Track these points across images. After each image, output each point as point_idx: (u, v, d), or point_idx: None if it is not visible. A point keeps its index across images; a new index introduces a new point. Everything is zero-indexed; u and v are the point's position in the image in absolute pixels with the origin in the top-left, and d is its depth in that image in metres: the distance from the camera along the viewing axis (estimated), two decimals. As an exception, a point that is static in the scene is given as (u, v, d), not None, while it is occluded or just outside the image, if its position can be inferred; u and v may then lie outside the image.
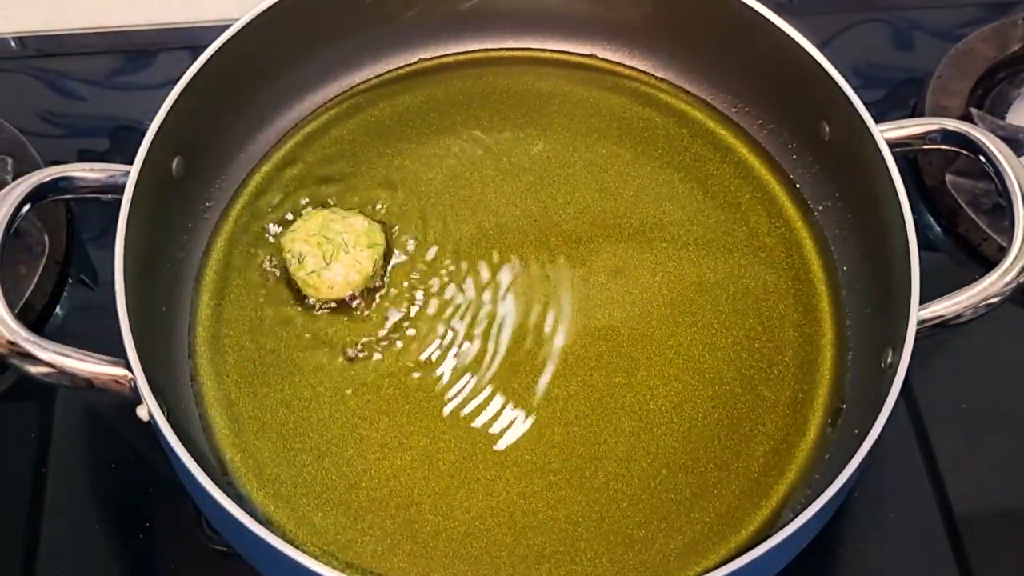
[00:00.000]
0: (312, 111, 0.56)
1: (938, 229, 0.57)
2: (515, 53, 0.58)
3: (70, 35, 0.63)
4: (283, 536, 0.43)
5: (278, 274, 0.51)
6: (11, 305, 0.42)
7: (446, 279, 0.51)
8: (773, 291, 0.51)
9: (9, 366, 0.42)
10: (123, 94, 0.62)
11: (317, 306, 0.50)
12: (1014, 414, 0.52)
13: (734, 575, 0.38)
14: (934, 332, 0.43)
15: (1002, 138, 0.47)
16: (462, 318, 0.49)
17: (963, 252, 0.56)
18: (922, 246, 0.44)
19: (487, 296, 0.50)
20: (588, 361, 0.48)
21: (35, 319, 0.52)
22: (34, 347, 0.41)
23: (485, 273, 0.51)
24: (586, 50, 0.58)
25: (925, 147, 0.48)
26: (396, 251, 0.51)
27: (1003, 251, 0.44)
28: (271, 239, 0.52)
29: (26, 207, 0.44)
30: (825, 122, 0.51)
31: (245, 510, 0.39)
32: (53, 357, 0.41)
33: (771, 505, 0.46)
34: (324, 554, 0.44)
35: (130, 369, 0.41)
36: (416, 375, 0.48)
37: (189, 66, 0.48)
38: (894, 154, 0.46)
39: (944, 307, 0.43)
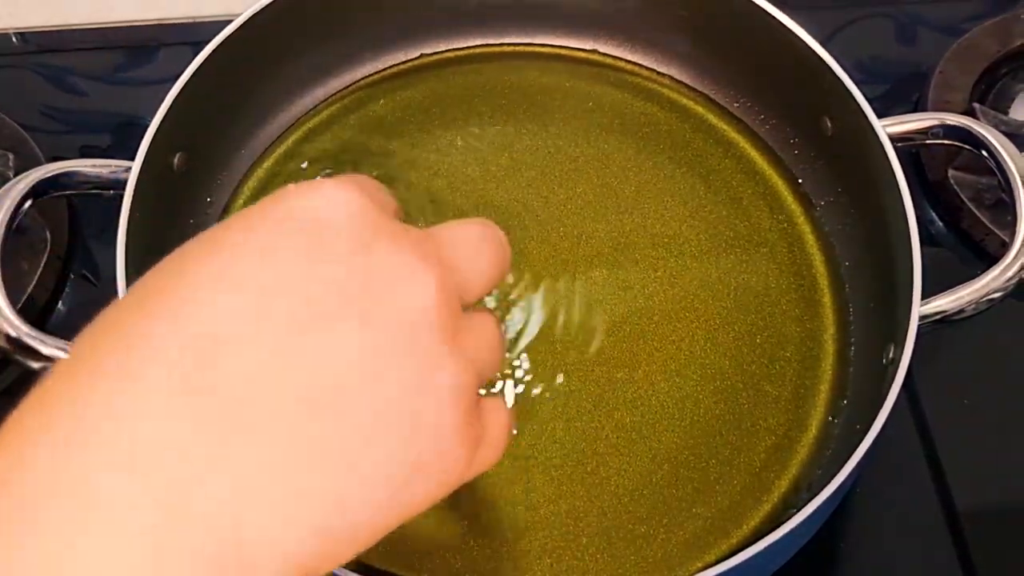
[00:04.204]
0: (313, 106, 0.56)
1: (940, 224, 0.57)
2: (516, 48, 0.58)
3: (72, 31, 0.63)
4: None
5: (280, 270, 0.51)
6: (13, 301, 0.42)
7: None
8: (775, 286, 0.51)
9: (11, 362, 0.42)
10: (125, 90, 0.62)
11: (319, 302, 0.50)
12: (1016, 409, 0.52)
13: (736, 570, 0.38)
14: (936, 327, 0.43)
15: (1005, 133, 0.47)
16: (464, 313, 0.49)
17: (965, 247, 0.56)
18: (924, 241, 0.44)
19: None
20: (590, 356, 0.48)
21: (37, 315, 0.52)
22: (36, 343, 0.41)
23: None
24: (588, 45, 0.58)
25: (927, 142, 0.48)
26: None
27: (1005, 246, 0.44)
28: (273, 235, 0.52)
29: (28, 203, 0.44)
30: (827, 117, 0.51)
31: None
32: (56, 353, 0.41)
33: (772, 500, 0.46)
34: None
35: (132, 365, 0.41)
36: (418, 370, 0.48)
37: (191, 62, 0.48)
38: (896, 149, 0.46)
39: (946, 302, 0.43)
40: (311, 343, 0.22)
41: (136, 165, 0.45)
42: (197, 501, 0.21)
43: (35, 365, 0.41)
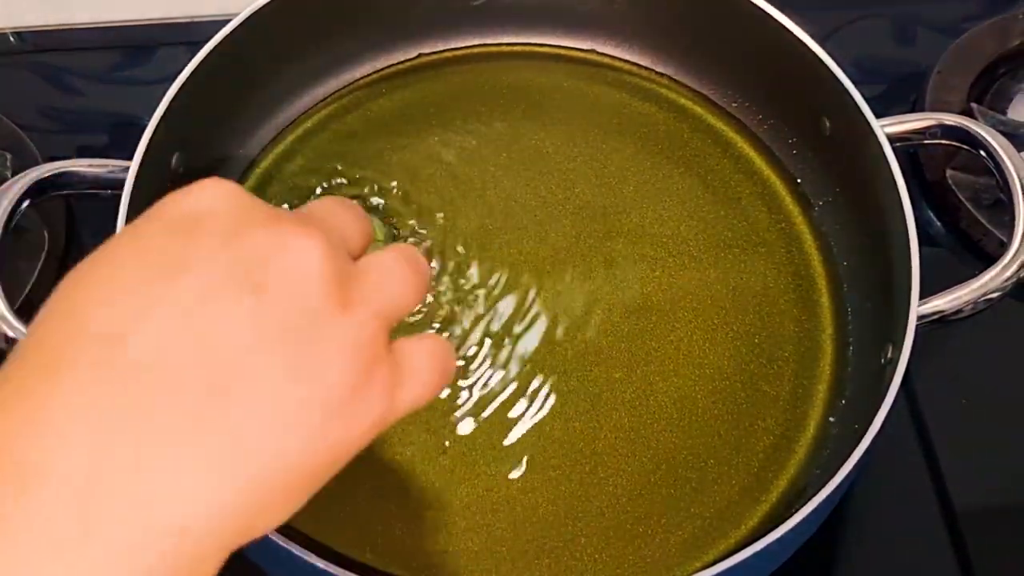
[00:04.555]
0: (311, 106, 0.56)
1: (939, 224, 0.57)
2: (515, 48, 0.58)
3: (69, 30, 0.63)
4: (284, 533, 0.43)
5: (278, 270, 0.50)
6: (11, 301, 0.42)
7: (445, 275, 0.51)
8: (773, 286, 0.51)
9: (9, 362, 0.42)
10: (122, 89, 0.61)
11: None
12: (1014, 409, 0.52)
13: (734, 570, 0.38)
14: (934, 327, 0.43)
15: (1002, 133, 0.47)
16: (460, 314, 0.49)
17: (963, 247, 0.56)
18: (922, 241, 0.44)
19: (486, 292, 0.50)
20: (587, 356, 0.48)
21: (35, 315, 0.52)
22: (34, 343, 0.41)
23: (484, 269, 0.51)
24: (586, 45, 0.58)
25: (925, 142, 0.48)
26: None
27: (1004, 246, 0.44)
28: (271, 235, 0.52)
29: (25, 203, 0.44)
30: (826, 117, 0.51)
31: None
32: (53, 353, 0.41)
33: (771, 500, 0.46)
34: (324, 550, 0.44)
35: (130, 365, 0.41)
36: (416, 371, 0.48)
37: (189, 62, 0.48)
38: (895, 149, 0.46)
39: (944, 302, 0.43)
40: (205, 317, 0.24)
41: (134, 165, 0.45)
42: (113, 495, 0.22)
43: (32, 365, 0.41)
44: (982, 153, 0.46)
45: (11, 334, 0.41)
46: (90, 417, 0.23)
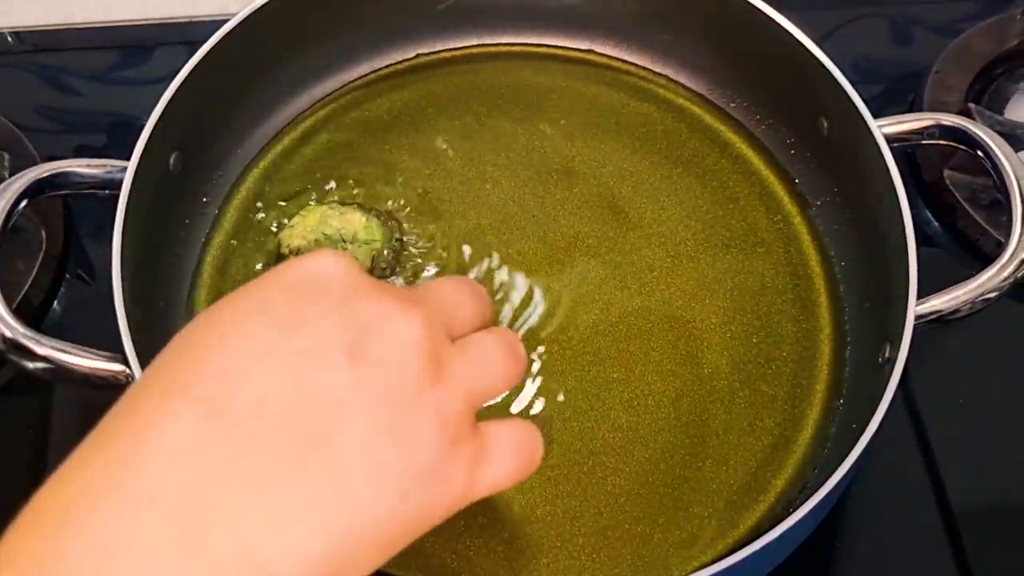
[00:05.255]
0: (309, 106, 0.56)
1: (936, 224, 0.57)
2: (513, 48, 0.58)
3: (67, 30, 0.63)
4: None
5: (276, 269, 0.50)
6: (8, 300, 0.42)
7: (444, 275, 0.51)
8: (771, 286, 0.51)
9: (7, 362, 0.42)
10: (120, 89, 0.61)
11: (315, 301, 0.49)
12: (1012, 409, 0.52)
13: (732, 570, 0.38)
14: (932, 327, 0.43)
15: (1000, 133, 0.47)
16: (460, 313, 0.49)
17: (961, 247, 0.56)
18: (920, 241, 0.44)
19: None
20: (586, 356, 0.48)
21: (32, 315, 0.52)
22: (32, 343, 0.41)
23: (483, 270, 0.51)
24: (584, 45, 0.58)
25: (923, 142, 0.48)
26: (393, 247, 0.51)
27: (1001, 246, 0.44)
28: (268, 235, 0.52)
29: (23, 203, 0.44)
30: (823, 117, 0.51)
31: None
32: (51, 353, 0.41)
33: (769, 500, 0.46)
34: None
35: (128, 365, 0.41)
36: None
37: (186, 61, 0.48)
38: (892, 149, 0.46)
39: (941, 302, 0.43)
40: (311, 374, 0.26)
41: (132, 165, 0.45)
42: (213, 527, 0.24)
43: (30, 365, 0.41)
44: (979, 153, 0.46)
45: (8, 334, 0.41)
46: (198, 454, 0.25)
